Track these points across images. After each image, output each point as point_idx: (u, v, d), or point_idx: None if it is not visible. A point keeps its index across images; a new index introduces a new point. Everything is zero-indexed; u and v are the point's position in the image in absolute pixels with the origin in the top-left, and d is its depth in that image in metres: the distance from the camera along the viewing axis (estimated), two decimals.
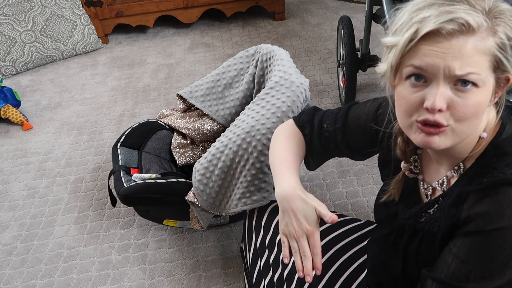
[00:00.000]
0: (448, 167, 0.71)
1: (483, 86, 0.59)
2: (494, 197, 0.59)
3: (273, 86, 1.22)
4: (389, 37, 0.64)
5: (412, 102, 0.62)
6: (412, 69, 0.60)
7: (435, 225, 0.70)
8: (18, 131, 2.20)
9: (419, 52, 0.59)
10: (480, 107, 0.60)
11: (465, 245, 0.62)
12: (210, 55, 2.67)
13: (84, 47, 2.79)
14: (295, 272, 0.96)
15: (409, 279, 0.79)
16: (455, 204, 0.64)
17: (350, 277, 0.92)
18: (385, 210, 0.83)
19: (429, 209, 0.73)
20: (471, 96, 0.59)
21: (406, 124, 0.65)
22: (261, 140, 1.15)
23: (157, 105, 2.27)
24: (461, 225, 0.63)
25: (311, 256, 0.78)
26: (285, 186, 0.81)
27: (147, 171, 1.47)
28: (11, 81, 2.61)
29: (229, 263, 1.44)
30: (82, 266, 1.49)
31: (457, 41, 0.57)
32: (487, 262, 0.60)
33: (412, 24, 0.59)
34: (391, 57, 0.62)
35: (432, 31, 0.57)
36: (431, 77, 0.59)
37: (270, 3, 2.91)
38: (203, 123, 1.57)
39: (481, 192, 0.61)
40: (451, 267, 0.63)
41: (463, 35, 0.57)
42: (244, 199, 1.20)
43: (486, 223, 0.59)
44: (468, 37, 0.57)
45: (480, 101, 0.60)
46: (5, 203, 1.79)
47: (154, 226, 1.60)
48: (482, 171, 0.64)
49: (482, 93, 0.59)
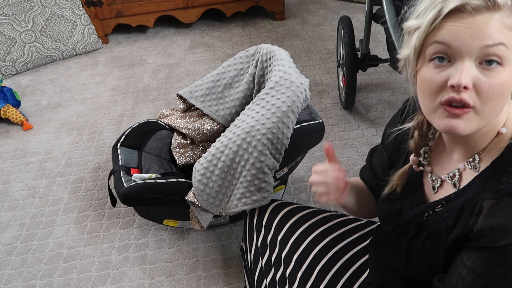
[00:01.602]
0: (462, 159, 0.70)
1: (508, 65, 0.58)
2: (510, 210, 0.57)
3: (273, 86, 1.22)
4: (412, 20, 0.63)
5: (437, 83, 0.60)
6: (436, 46, 0.59)
7: (443, 224, 0.69)
8: (18, 131, 2.20)
9: (443, 29, 0.58)
10: (505, 88, 0.59)
11: (480, 259, 0.61)
12: (210, 55, 2.67)
13: (84, 47, 2.79)
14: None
15: (411, 278, 0.79)
16: (470, 213, 0.62)
17: (352, 277, 0.92)
18: (388, 207, 0.82)
19: (437, 207, 0.72)
20: (496, 75, 0.57)
21: (430, 108, 0.63)
22: (261, 140, 1.15)
23: (157, 105, 2.27)
24: (474, 237, 0.61)
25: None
26: None
27: (147, 171, 1.47)
28: (11, 81, 2.61)
29: (229, 263, 1.44)
30: (82, 266, 1.49)
31: (482, 16, 0.56)
32: (503, 275, 0.59)
33: (436, 4, 0.59)
34: (414, 39, 0.61)
35: (456, 7, 0.57)
36: (456, 55, 0.58)
37: (270, 3, 2.91)
38: (203, 123, 1.57)
39: (496, 203, 0.59)
40: (467, 280, 0.62)
41: (488, 11, 0.56)
42: (244, 199, 1.20)
43: (501, 237, 0.58)
44: (493, 13, 0.56)
45: (506, 80, 0.58)
46: (5, 203, 1.79)
47: (154, 226, 1.60)
48: (497, 175, 0.62)
49: (508, 73, 0.58)
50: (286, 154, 1.22)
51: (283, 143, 1.19)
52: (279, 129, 1.16)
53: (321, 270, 0.94)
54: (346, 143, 1.88)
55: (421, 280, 0.74)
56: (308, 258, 0.97)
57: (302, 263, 0.97)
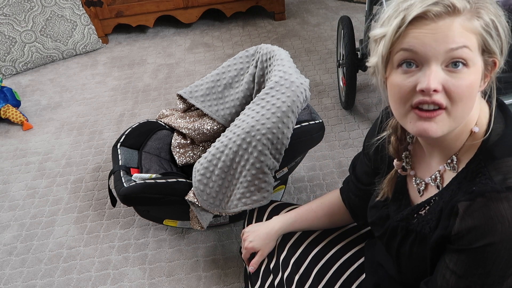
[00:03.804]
0: (441, 161, 0.71)
1: (473, 67, 0.60)
2: (485, 211, 0.59)
3: (273, 86, 1.22)
4: (377, 29, 0.64)
5: (406, 88, 0.62)
6: (403, 53, 0.61)
7: (426, 226, 0.70)
8: (18, 131, 2.20)
9: (408, 36, 0.60)
10: (473, 88, 0.60)
11: (460, 261, 0.62)
12: (210, 55, 2.67)
13: (84, 47, 2.79)
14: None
15: (405, 282, 0.79)
16: (448, 215, 0.64)
17: (349, 279, 0.92)
18: (376, 213, 0.84)
19: (421, 210, 0.73)
20: (463, 76, 0.59)
21: (401, 113, 0.65)
22: (261, 140, 1.15)
23: (157, 105, 2.27)
24: (453, 240, 0.63)
25: None
26: None
27: (147, 171, 1.47)
28: (11, 81, 2.61)
29: (229, 263, 1.44)
30: (82, 266, 1.49)
31: (444, 22, 0.58)
32: (484, 276, 0.60)
33: (399, 12, 0.60)
34: (381, 47, 0.63)
35: (419, 15, 0.58)
36: (422, 60, 0.60)
37: (270, 3, 2.91)
38: (203, 123, 1.57)
39: (470, 205, 0.60)
40: (450, 282, 0.64)
41: (450, 16, 0.58)
42: (244, 199, 1.20)
43: (478, 239, 0.59)
44: (454, 18, 0.58)
45: (473, 81, 0.60)
46: (5, 203, 1.79)
47: (154, 226, 1.60)
48: (472, 176, 0.64)
49: (473, 74, 0.60)
50: (286, 154, 1.22)
51: (283, 143, 1.19)
52: (279, 129, 1.16)
53: (318, 273, 0.94)
54: (346, 143, 1.88)
55: (415, 284, 0.75)
56: (305, 261, 0.97)
57: (300, 266, 0.97)
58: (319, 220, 1.02)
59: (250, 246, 1.04)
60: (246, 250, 1.06)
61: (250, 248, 1.05)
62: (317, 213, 1.02)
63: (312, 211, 1.02)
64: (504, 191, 0.58)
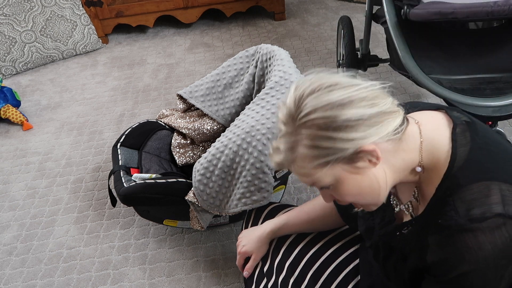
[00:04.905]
0: (409, 194, 0.75)
1: (336, 183, 0.66)
2: (452, 244, 0.62)
3: (273, 86, 1.22)
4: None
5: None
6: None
7: (407, 247, 0.73)
8: (18, 131, 2.20)
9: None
10: (357, 190, 0.67)
11: None
12: (210, 55, 2.67)
13: (84, 47, 2.79)
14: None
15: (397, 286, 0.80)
16: (419, 248, 0.68)
17: (345, 280, 0.92)
18: (364, 223, 0.86)
19: (402, 229, 0.75)
20: (338, 189, 0.67)
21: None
22: (261, 140, 1.15)
23: (157, 105, 2.27)
24: (428, 269, 0.67)
25: None
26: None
27: (147, 171, 1.47)
28: (11, 81, 2.61)
29: (229, 263, 1.44)
30: (82, 266, 1.49)
31: (292, 168, 0.68)
32: None
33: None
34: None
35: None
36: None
37: (270, 3, 2.91)
38: (203, 123, 1.57)
39: (439, 238, 0.64)
40: None
41: (289, 167, 0.68)
42: (244, 199, 1.20)
43: (451, 270, 0.63)
44: (292, 167, 0.67)
45: (352, 185, 0.66)
46: (5, 203, 1.79)
47: (154, 226, 1.60)
48: (440, 205, 0.65)
49: (345, 183, 0.66)
50: None
51: None
52: None
53: (314, 275, 0.94)
54: None
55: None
56: (300, 263, 0.97)
57: (295, 269, 0.96)
58: (312, 222, 1.01)
59: (243, 250, 1.05)
60: (240, 255, 1.07)
61: (243, 253, 1.06)
62: (310, 215, 1.02)
63: (305, 213, 1.02)
64: (468, 224, 0.60)
